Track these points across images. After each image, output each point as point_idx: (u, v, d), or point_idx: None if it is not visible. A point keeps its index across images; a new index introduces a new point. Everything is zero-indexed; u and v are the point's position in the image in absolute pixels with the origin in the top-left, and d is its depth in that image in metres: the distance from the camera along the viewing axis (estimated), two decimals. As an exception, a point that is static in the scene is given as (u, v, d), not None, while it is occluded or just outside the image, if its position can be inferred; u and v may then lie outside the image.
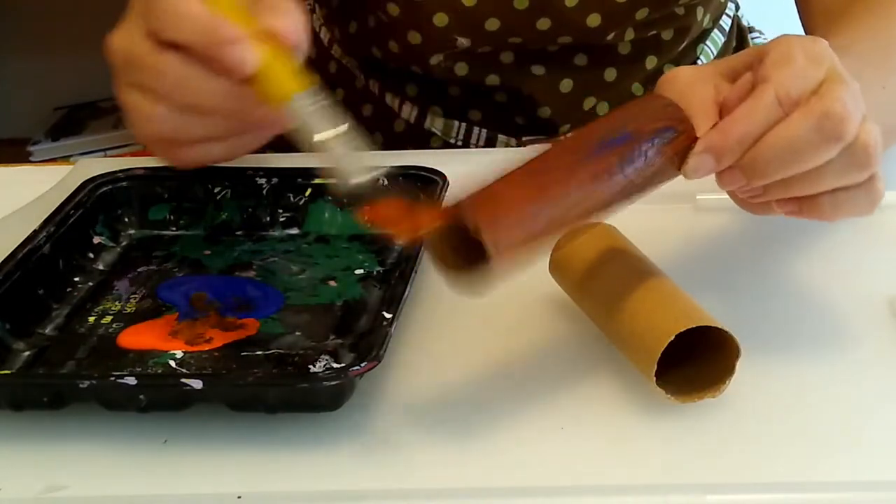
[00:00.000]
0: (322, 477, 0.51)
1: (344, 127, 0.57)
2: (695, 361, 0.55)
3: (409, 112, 0.92)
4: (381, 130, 0.94)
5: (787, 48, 0.55)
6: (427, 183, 0.70)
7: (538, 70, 0.88)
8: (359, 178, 0.56)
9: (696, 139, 0.55)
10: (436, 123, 0.92)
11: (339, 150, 0.57)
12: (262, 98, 0.58)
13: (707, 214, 0.72)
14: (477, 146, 0.91)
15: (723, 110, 0.55)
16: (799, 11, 0.86)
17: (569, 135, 0.53)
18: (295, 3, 0.62)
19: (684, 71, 0.58)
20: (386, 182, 0.56)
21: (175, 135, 0.62)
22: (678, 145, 0.54)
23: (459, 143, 0.92)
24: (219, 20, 0.58)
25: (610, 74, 0.90)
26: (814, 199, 0.56)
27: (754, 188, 0.55)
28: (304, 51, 0.62)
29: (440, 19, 0.85)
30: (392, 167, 0.71)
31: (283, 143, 0.97)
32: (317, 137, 0.57)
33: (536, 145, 0.54)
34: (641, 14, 0.85)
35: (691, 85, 0.56)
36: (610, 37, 0.86)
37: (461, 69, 0.89)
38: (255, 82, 0.58)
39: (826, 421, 0.54)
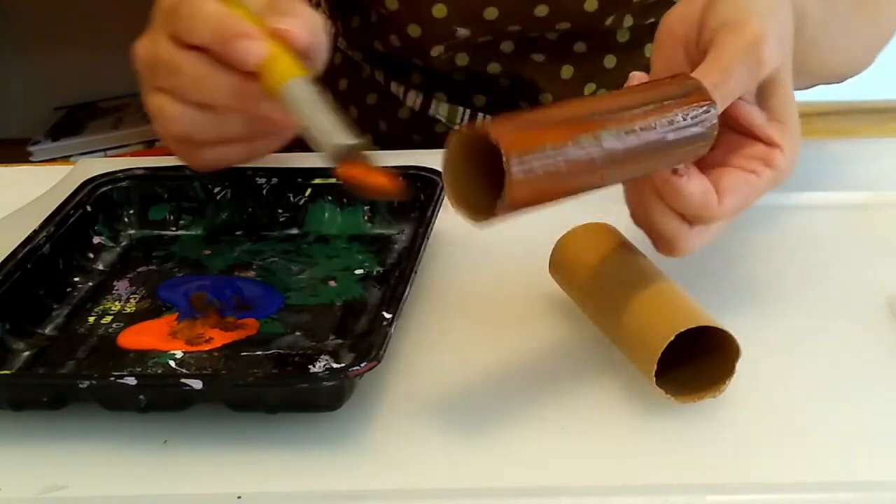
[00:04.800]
0: (322, 477, 0.51)
1: (329, 108, 0.58)
2: (695, 362, 0.55)
3: (413, 99, 0.93)
4: (385, 118, 0.94)
5: (765, 184, 0.57)
6: (427, 183, 0.70)
7: (538, 57, 0.89)
8: (343, 139, 0.56)
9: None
10: (440, 110, 0.92)
11: (329, 118, 0.57)
12: (266, 92, 0.59)
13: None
14: None
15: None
16: None
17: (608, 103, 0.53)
18: (309, 9, 0.64)
19: (766, 55, 0.56)
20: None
21: (193, 134, 0.64)
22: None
23: None
24: (230, 17, 0.60)
25: (609, 61, 0.90)
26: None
27: None
28: (318, 55, 0.64)
29: (439, 11, 0.85)
30: (392, 167, 0.71)
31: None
32: (308, 111, 0.58)
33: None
34: None
35: (751, 80, 0.56)
36: (608, 21, 0.87)
37: (462, 59, 0.89)
38: (261, 75, 0.59)
39: (826, 421, 0.54)
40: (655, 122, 0.52)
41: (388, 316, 0.56)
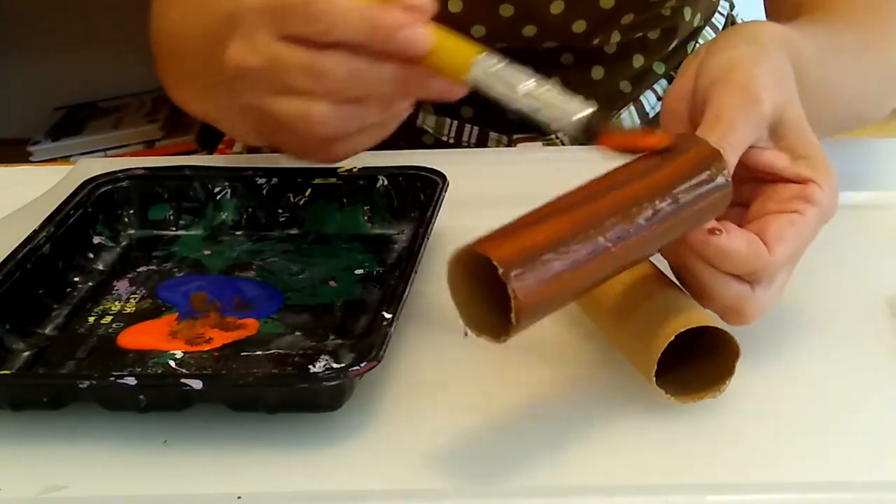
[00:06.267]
0: (322, 477, 0.51)
1: (535, 75, 0.56)
2: (695, 362, 0.55)
3: None
4: None
5: (812, 224, 0.55)
6: (427, 183, 0.70)
7: None
8: (580, 113, 0.54)
9: None
10: (427, 121, 0.92)
11: (548, 94, 0.56)
12: (439, 71, 0.57)
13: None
14: (469, 143, 0.92)
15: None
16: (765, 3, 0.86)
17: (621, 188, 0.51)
18: None
19: (764, 97, 0.55)
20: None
21: (336, 131, 0.60)
22: None
23: (451, 140, 0.92)
24: (378, 10, 0.56)
25: (597, 73, 0.90)
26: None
27: None
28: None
29: None
30: (392, 167, 0.71)
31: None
32: (521, 90, 0.56)
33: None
34: (627, 19, 0.86)
35: (755, 125, 0.55)
36: (596, 41, 0.87)
37: None
38: (429, 58, 0.56)
39: (826, 421, 0.54)
40: (660, 186, 0.51)
41: (388, 316, 0.56)
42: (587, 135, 0.54)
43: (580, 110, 0.54)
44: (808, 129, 0.57)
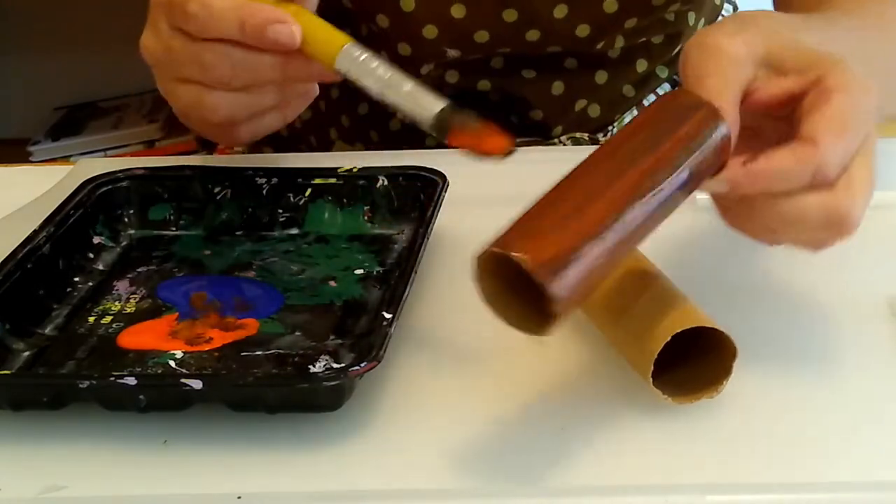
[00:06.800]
0: (322, 477, 0.51)
1: (396, 70, 0.59)
2: (692, 362, 0.55)
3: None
4: (377, 129, 0.94)
5: (846, 104, 0.52)
6: (427, 183, 0.70)
7: (528, 74, 0.89)
8: (436, 108, 0.57)
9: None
10: None
11: (408, 90, 0.58)
12: (313, 58, 0.61)
13: (706, 214, 0.72)
14: None
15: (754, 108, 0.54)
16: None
17: (615, 158, 0.50)
18: None
19: (723, 42, 0.53)
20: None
21: (232, 117, 0.64)
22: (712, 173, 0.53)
23: None
24: (250, 7, 0.59)
25: (601, 77, 0.90)
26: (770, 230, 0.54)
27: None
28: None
29: (430, 31, 0.85)
30: (392, 167, 0.71)
31: (283, 144, 0.97)
32: (385, 84, 0.59)
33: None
34: (630, 23, 0.86)
35: (727, 67, 0.53)
36: (599, 45, 0.87)
37: (452, 76, 0.89)
38: (303, 48, 0.60)
39: (825, 421, 0.54)
40: (662, 150, 0.51)
41: (388, 316, 0.56)
42: (441, 131, 0.57)
43: (435, 106, 0.57)
44: (803, 43, 0.55)
